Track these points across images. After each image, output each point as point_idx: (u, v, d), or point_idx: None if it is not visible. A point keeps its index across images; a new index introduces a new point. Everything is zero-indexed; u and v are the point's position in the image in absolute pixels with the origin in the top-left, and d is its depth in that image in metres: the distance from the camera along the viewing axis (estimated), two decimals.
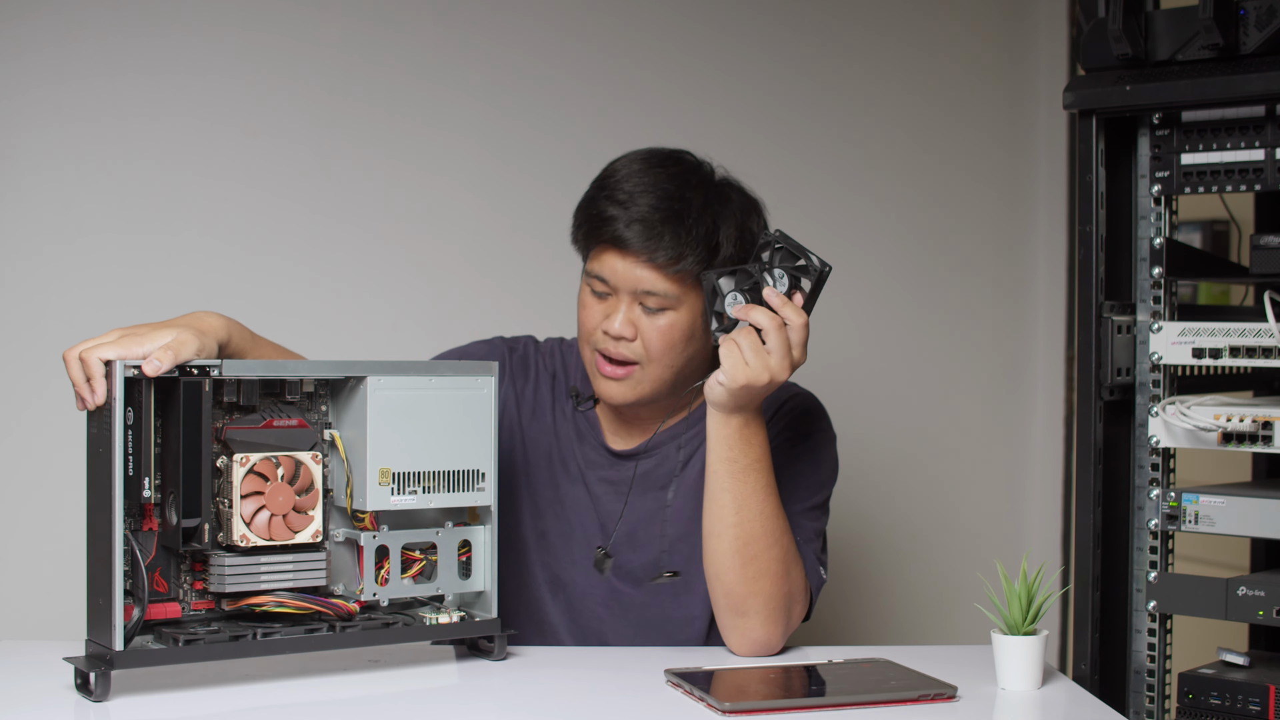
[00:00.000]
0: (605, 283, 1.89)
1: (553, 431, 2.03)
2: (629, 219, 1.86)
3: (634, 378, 1.91)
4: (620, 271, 1.87)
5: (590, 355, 1.93)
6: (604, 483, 1.99)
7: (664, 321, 1.89)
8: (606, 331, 1.89)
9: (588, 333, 1.92)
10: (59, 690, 1.62)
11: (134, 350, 1.58)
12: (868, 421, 2.99)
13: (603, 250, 1.89)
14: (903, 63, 3.04)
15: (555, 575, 2.00)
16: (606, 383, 1.92)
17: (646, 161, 1.92)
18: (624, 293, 1.88)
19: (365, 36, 2.63)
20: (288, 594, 1.68)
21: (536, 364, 2.07)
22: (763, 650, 1.85)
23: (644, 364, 1.91)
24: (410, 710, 1.61)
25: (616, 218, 1.86)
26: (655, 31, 2.84)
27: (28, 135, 2.44)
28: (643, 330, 1.89)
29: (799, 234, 1.85)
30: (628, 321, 1.89)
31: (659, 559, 1.97)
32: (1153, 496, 1.90)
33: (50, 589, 2.43)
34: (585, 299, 1.93)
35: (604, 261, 1.89)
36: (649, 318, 1.89)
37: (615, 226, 1.86)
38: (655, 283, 1.87)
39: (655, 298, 1.88)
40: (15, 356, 2.44)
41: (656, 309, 1.89)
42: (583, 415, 2.02)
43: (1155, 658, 1.91)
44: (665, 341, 1.90)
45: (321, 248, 2.62)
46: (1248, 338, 1.80)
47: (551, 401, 2.05)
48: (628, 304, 1.89)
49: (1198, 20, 1.76)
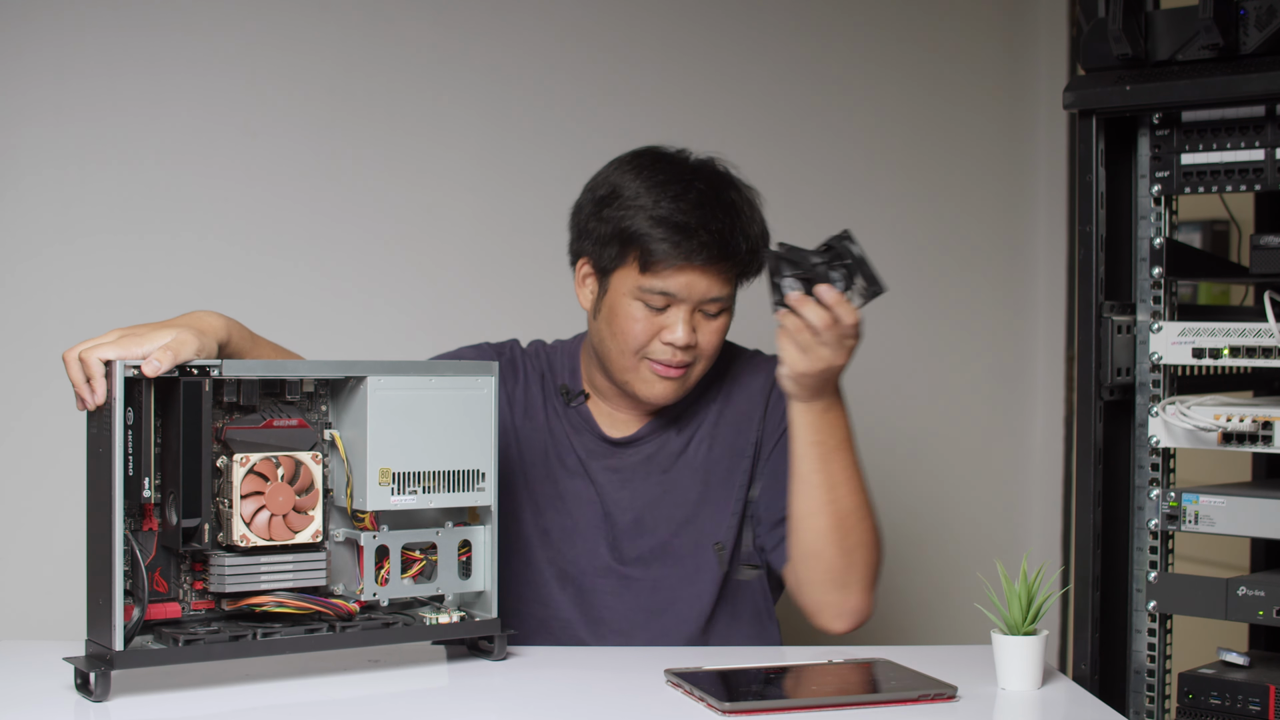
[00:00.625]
0: (672, 296, 1.91)
1: (546, 429, 2.04)
2: (690, 227, 1.88)
3: (685, 376, 1.96)
4: (696, 284, 1.90)
5: (636, 363, 1.95)
6: (608, 471, 2.01)
7: (720, 323, 1.95)
8: (670, 343, 1.92)
9: (639, 345, 1.93)
10: (59, 690, 1.62)
11: (134, 350, 1.58)
12: (868, 421, 2.99)
13: (678, 269, 1.89)
14: (903, 63, 3.04)
15: (562, 569, 2.01)
16: (661, 384, 1.95)
17: (660, 173, 1.93)
18: (689, 304, 1.91)
19: (365, 36, 2.63)
20: (288, 594, 1.68)
21: (525, 365, 2.09)
22: (860, 619, 1.94)
23: (696, 362, 1.96)
24: (410, 710, 1.61)
25: (684, 232, 1.88)
26: (655, 32, 2.84)
27: (28, 135, 2.44)
28: (701, 334, 1.94)
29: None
30: (691, 329, 1.92)
31: (667, 542, 1.98)
32: (1153, 496, 1.90)
33: (50, 589, 2.43)
34: (634, 312, 1.93)
35: (675, 278, 1.90)
36: (708, 322, 1.94)
37: (685, 244, 1.88)
38: (722, 290, 1.93)
39: (719, 303, 1.93)
40: (15, 357, 2.44)
41: (716, 313, 1.94)
42: (575, 411, 2.03)
43: (1155, 658, 1.91)
44: (718, 340, 1.96)
45: (321, 248, 2.62)
46: (1248, 338, 1.80)
47: (543, 400, 2.06)
48: (687, 313, 1.92)
49: (1198, 20, 1.76)
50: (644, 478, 2.00)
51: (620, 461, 2.01)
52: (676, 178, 1.92)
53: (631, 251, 1.91)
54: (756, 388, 2.04)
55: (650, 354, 1.94)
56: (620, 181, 1.94)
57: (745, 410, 2.03)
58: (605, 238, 1.93)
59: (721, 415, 2.03)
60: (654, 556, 1.99)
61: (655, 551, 1.99)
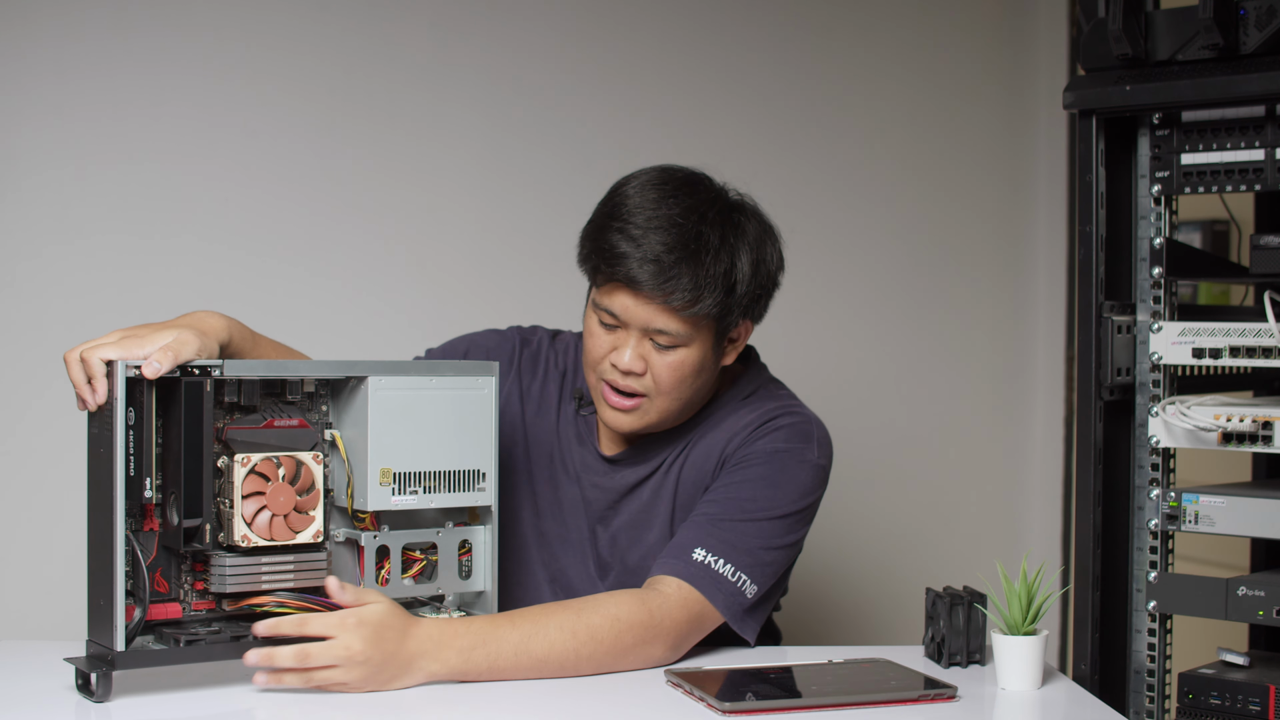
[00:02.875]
0: (615, 317, 1.85)
1: (555, 431, 2.02)
2: (641, 258, 1.80)
3: (641, 409, 1.89)
4: (632, 309, 1.83)
5: (595, 382, 1.90)
6: (595, 488, 1.99)
7: (674, 358, 1.86)
8: (615, 365, 1.86)
9: (594, 361, 1.89)
10: (60, 691, 1.62)
11: (135, 351, 1.58)
12: (868, 421, 2.99)
13: (615, 288, 1.84)
14: (903, 63, 3.04)
15: (554, 575, 2.00)
16: (613, 413, 1.90)
17: (661, 190, 1.85)
18: (634, 328, 1.85)
19: (365, 37, 2.64)
20: (289, 594, 1.68)
21: (548, 360, 2.05)
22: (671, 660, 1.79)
23: (652, 396, 1.88)
24: (410, 710, 1.61)
25: (628, 255, 1.80)
26: (655, 33, 2.84)
27: (28, 135, 2.44)
28: (652, 365, 1.86)
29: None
30: (637, 356, 1.85)
31: (639, 566, 1.95)
32: (1153, 496, 1.90)
33: (51, 589, 2.43)
34: (592, 327, 1.89)
35: (615, 298, 1.84)
36: (659, 354, 1.85)
37: (628, 265, 1.80)
38: (668, 323, 1.83)
39: (667, 336, 1.84)
40: (16, 357, 2.44)
41: (668, 346, 1.85)
42: (583, 419, 2.02)
43: (1155, 658, 1.91)
44: (675, 377, 1.87)
45: (321, 248, 2.62)
46: (1248, 338, 1.80)
47: (557, 400, 2.03)
48: (637, 339, 1.85)
49: (1198, 20, 1.76)
50: (628, 499, 1.97)
51: (609, 480, 1.98)
52: (659, 201, 1.84)
53: (591, 269, 1.87)
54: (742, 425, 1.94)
55: (603, 374, 1.88)
56: (623, 195, 1.88)
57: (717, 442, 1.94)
58: (588, 250, 1.88)
59: (699, 444, 1.95)
60: (629, 578, 1.96)
61: (630, 572, 1.96)
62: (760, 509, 1.85)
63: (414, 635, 1.64)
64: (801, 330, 2.91)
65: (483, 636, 1.68)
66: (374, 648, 1.61)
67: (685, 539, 1.83)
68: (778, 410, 1.93)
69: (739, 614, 1.82)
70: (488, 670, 1.68)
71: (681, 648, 1.79)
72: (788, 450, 1.89)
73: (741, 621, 1.83)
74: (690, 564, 1.80)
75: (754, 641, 1.85)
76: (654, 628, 1.75)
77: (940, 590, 1.83)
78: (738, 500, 1.86)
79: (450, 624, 1.68)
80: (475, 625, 1.69)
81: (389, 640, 1.62)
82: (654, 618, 1.75)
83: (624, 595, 1.77)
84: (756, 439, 1.90)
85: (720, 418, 1.96)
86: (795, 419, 1.92)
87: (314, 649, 1.60)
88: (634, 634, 1.74)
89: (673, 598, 1.78)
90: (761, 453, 1.89)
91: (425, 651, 1.65)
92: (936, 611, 1.82)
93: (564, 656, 1.70)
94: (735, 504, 1.85)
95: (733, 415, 1.95)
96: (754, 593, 1.83)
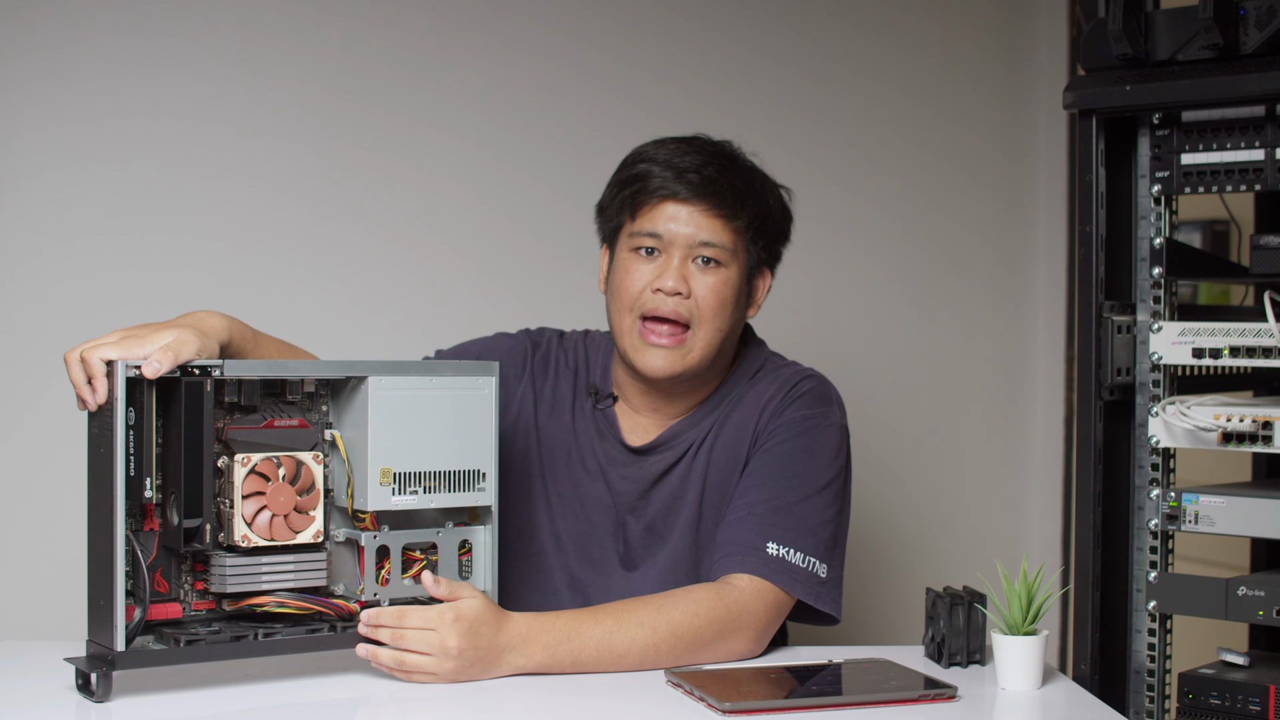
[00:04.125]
0: (659, 238, 1.89)
1: (571, 429, 2.02)
2: (684, 168, 1.89)
3: (684, 345, 1.91)
4: (682, 220, 1.89)
5: (633, 325, 1.91)
6: (624, 479, 1.99)
7: (716, 279, 1.90)
8: (659, 289, 1.89)
9: (633, 297, 1.91)
10: (60, 691, 1.62)
11: (135, 351, 1.58)
12: (868, 421, 2.99)
13: (660, 203, 1.89)
14: (903, 63, 3.04)
15: (573, 577, 1.99)
16: (654, 352, 1.90)
17: (676, 139, 1.95)
18: (678, 248, 1.89)
19: (365, 36, 2.64)
20: (289, 594, 1.68)
21: (558, 360, 2.06)
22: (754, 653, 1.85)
23: (695, 326, 1.90)
24: (410, 710, 1.61)
25: (669, 172, 1.89)
26: (655, 33, 2.84)
27: (28, 135, 2.44)
28: (695, 287, 1.90)
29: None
30: (681, 277, 1.89)
31: (676, 552, 1.96)
32: (1153, 496, 1.90)
33: (51, 589, 2.43)
34: (629, 263, 1.92)
35: (659, 215, 1.89)
36: (702, 274, 1.90)
37: (670, 179, 1.88)
38: (715, 232, 1.89)
39: (713, 248, 1.89)
40: (16, 357, 2.44)
41: (712, 261, 1.90)
42: (601, 413, 2.01)
43: (1155, 658, 1.91)
44: (717, 300, 1.90)
45: (321, 248, 2.62)
46: (1248, 338, 1.80)
47: (571, 399, 2.03)
48: (680, 260, 1.89)
49: (1198, 20, 1.76)
50: (658, 487, 1.98)
51: (638, 471, 1.98)
52: (682, 142, 1.94)
53: (628, 201, 1.92)
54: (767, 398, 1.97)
55: (644, 307, 1.90)
56: (640, 151, 1.96)
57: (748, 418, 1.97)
58: (612, 201, 1.95)
59: (726, 424, 1.97)
60: (662, 566, 1.97)
61: (664, 561, 1.97)
62: (809, 483, 1.90)
63: (506, 631, 1.70)
64: (801, 330, 2.91)
65: (567, 632, 1.73)
66: (468, 642, 1.67)
67: (753, 533, 1.87)
68: (795, 376, 1.99)
69: (819, 596, 1.87)
70: (571, 664, 1.73)
71: (764, 639, 1.85)
72: (813, 415, 1.95)
73: (822, 602, 1.88)
74: (765, 559, 1.85)
75: (840, 617, 1.91)
76: (732, 622, 1.81)
77: (940, 590, 1.83)
78: (785, 477, 1.90)
79: (538, 619, 1.73)
80: (561, 621, 1.74)
81: (483, 635, 1.68)
82: (731, 612, 1.81)
83: (702, 590, 1.82)
84: (784, 407, 1.95)
85: (739, 395, 1.99)
86: (813, 383, 1.99)
87: (411, 637, 1.66)
88: (713, 629, 1.79)
89: (748, 590, 1.83)
90: (791, 421, 1.94)
91: (514, 646, 1.71)
92: (937, 611, 1.83)
93: (644, 651, 1.75)
94: (785, 482, 1.90)
95: (752, 390, 1.99)
96: (825, 571, 1.89)
